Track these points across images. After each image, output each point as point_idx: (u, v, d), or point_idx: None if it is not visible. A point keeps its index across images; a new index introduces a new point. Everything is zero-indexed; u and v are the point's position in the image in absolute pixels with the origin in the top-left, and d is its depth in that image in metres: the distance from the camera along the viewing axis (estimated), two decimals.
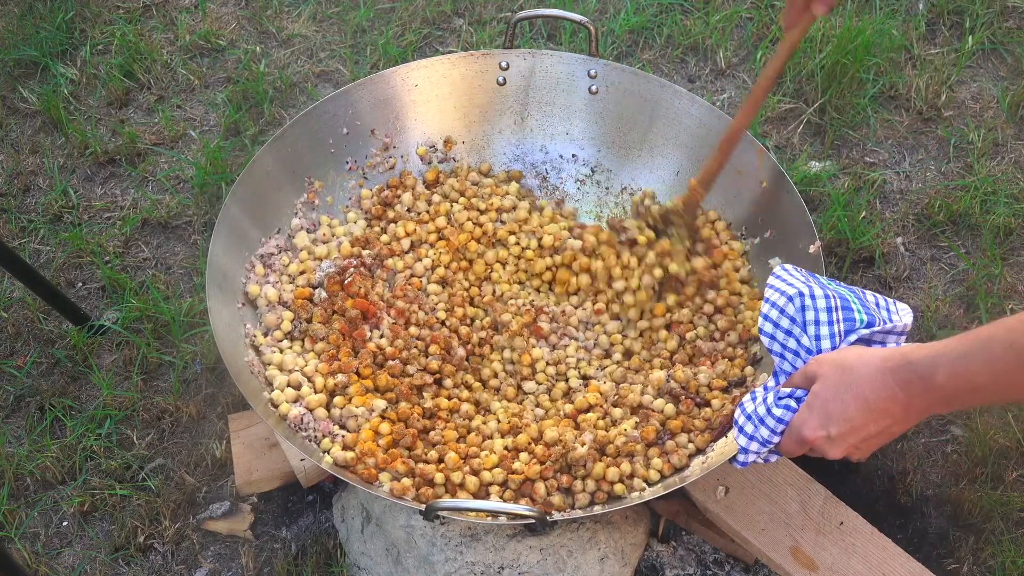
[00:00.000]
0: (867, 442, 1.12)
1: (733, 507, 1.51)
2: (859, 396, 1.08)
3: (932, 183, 2.19)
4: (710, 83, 2.40)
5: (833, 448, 1.13)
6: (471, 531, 1.49)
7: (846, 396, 1.09)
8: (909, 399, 1.05)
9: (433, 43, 2.48)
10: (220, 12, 2.57)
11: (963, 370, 1.00)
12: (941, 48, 2.44)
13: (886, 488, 1.77)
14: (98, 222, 2.17)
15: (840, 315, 1.22)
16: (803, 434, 1.14)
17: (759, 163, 1.69)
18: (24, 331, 1.99)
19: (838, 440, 1.11)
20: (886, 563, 1.48)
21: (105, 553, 1.71)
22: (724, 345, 1.62)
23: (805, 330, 1.23)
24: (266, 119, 2.32)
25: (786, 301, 1.25)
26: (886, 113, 2.32)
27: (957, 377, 1.01)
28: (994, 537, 1.69)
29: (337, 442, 1.49)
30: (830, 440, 1.12)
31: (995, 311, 1.97)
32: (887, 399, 1.06)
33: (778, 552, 1.48)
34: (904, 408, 1.06)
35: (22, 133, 2.34)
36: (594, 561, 1.48)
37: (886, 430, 1.09)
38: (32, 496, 1.78)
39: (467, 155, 1.88)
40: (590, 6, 2.50)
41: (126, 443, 1.84)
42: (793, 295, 1.25)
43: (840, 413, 1.10)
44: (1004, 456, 1.78)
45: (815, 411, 1.12)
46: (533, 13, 1.83)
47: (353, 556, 1.63)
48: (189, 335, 1.95)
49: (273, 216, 1.73)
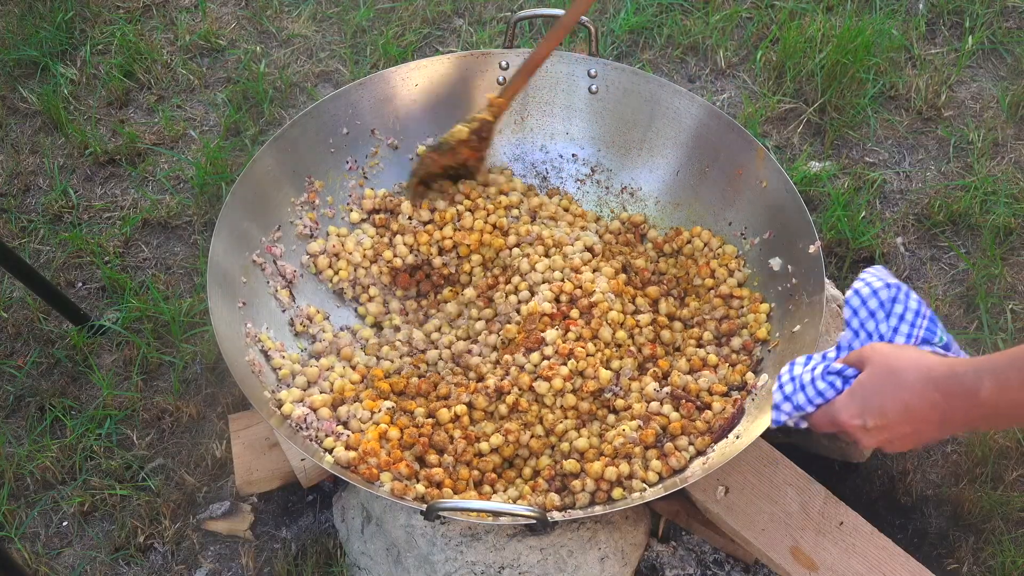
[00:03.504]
0: (900, 440, 1.13)
1: (733, 507, 1.51)
2: (900, 399, 1.10)
3: (932, 183, 2.19)
4: (710, 83, 2.40)
5: (866, 437, 1.15)
6: (471, 531, 1.49)
7: (888, 394, 1.11)
8: (949, 410, 1.06)
9: (433, 43, 2.48)
10: (220, 12, 2.57)
11: (1006, 382, 1.00)
12: (941, 48, 2.44)
13: (886, 488, 1.77)
14: (98, 222, 2.17)
15: (925, 323, 1.23)
16: (839, 418, 1.17)
17: (759, 163, 1.69)
18: (24, 331, 1.99)
19: (873, 432, 1.13)
20: (886, 563, 1.48)
21: (105, 553, 1.71)
22: (728, 351, 1.62)
23: (888, 319, 1.24)
24: (266, 119, 2.32)
25: (883, 286, 1.25)
26: (886, 113, 2.32)
27: (1001, 390, 1.01)
28: (994, 537, 1.69)
29: (340, 441, 1.49)
30: (864, 430, 1.14)
31: (995, 311, 1.97)
32: (927, 407, 1.08)
33: (778, 552, 1.48)
34: (941, 417, 1.07)
35: (22, 133, 2.34)
36: (594, 561, 1.48)
37: (920, 433, 1.11)
38: (32, 496, 1.78)
39: None
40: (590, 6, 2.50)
41: (126, 443, 1.84)
42: (892, 284, 1.26)
43: (879, 408, 1.12)
44: (1004, 456, 1.78)
45: (856, 399, 1.15)
46: (533, 13, 1.83)
47: (353, 556, 1.63)
48: (189, 335, 1.95)
49: (273, 216, 1.72)
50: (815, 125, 2.29)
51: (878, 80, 2.33)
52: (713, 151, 1.76)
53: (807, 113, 2.29)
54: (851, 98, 2.29)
